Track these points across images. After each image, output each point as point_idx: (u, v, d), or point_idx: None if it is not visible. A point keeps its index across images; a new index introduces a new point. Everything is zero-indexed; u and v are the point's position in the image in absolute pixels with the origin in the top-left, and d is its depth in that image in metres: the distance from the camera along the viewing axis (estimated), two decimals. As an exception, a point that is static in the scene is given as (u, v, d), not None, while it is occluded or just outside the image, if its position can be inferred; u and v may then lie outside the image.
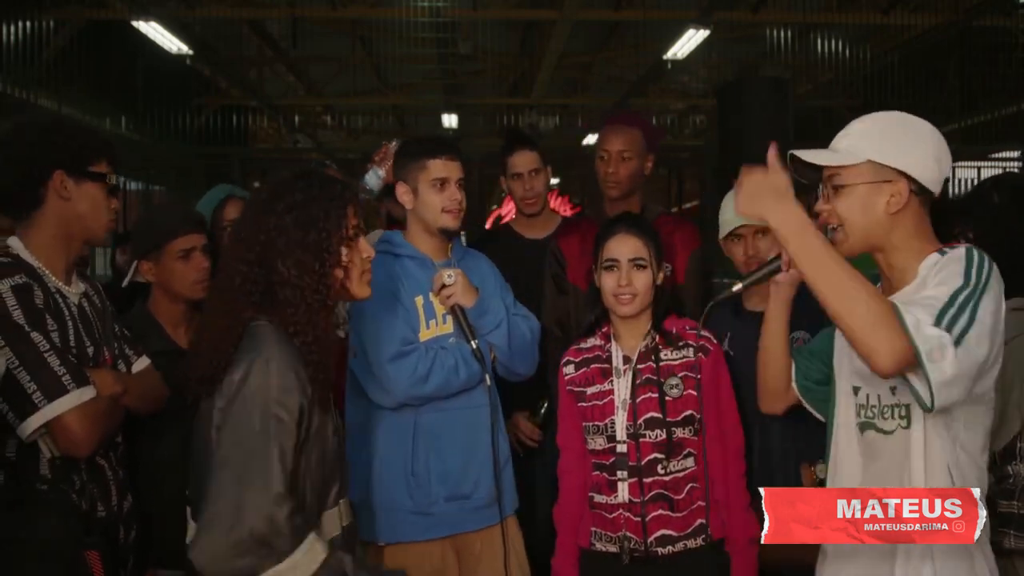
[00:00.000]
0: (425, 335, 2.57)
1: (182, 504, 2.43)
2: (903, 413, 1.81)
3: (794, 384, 2.10)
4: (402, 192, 2.61)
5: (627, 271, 2.38)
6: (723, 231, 2.67)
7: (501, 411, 2.65)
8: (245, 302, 1.80)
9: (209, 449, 1.74)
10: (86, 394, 2.01)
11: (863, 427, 1.90)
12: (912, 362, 1.62)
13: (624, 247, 2.41)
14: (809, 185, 1.95)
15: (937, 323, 1.62)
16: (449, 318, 2.57)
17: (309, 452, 1.78)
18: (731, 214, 2.65)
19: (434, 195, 2.56)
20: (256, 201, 1.90)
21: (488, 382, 2.55)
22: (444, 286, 2.52)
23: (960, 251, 1.75)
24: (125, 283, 2.72)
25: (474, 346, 2.51)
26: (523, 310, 2.77)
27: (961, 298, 1.66)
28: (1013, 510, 2.14)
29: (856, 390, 1.92)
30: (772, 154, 1.77)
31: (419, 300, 2.57)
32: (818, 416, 2.10)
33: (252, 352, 1.73)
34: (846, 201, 1.80)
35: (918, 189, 1.80)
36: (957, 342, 1.62)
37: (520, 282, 3.12)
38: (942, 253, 1.79)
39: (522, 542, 2.69)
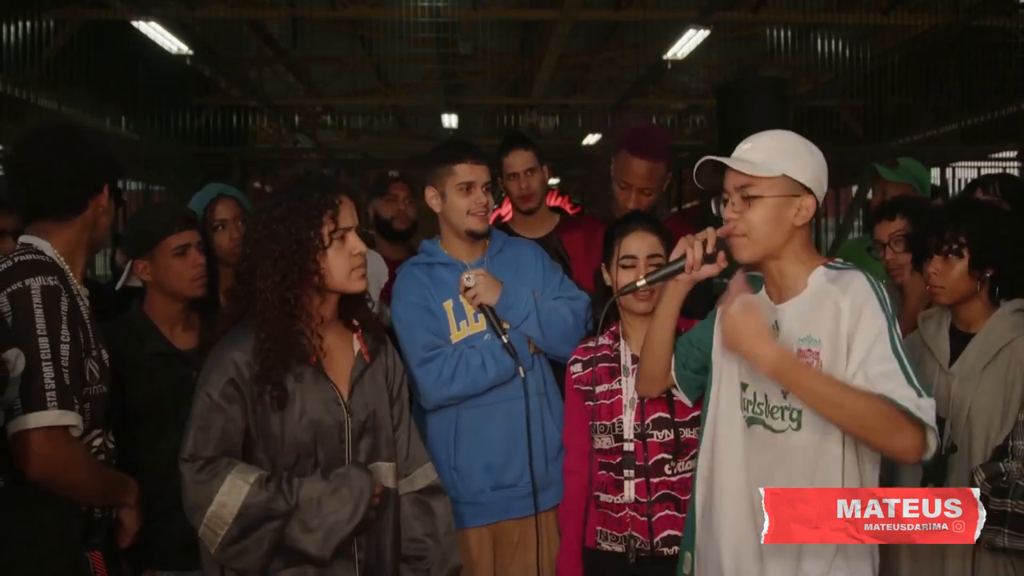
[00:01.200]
0: (457, 336, 2.65)
1: (179, 505, 2.44)
2: (794, 416, 1.90)
3: (672, 372, 2.19)
4: (430, 196, 2.70)
5: (645, 269, 2.38)
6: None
7: (548, 399, 2.67)
8: (234, 308, 2.09)
9: None
10: (64, 419, 1.96)
11: (750, 421, 1.98)
12: (922, 437, 1.77)
13: (642, 244, 2.42)
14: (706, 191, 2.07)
15: (916, 390, 1.77)
16: (480, 316, 2.63)
17: (266, 429, 2.04)
18: None
19: (460, 199, 2.64)
20: (255, 210, 2.13)
21: (522, 374, 2.58)
22: (467, 288, 2.59)
23: (860, 280, 1.87)
24: (119, 286, 2.72)
25: (505, 340, 2.57)
26: (572, 290, 2.77)
27: (898, 342, 1.82)
28: (1006, 508, 2.15)
29: (744, 386, 2.00)
30: (737, 283, 1.91)
31: (448, 304, 2.66)
32: (685, 401, 2.22)
33: (215, 350, 2.06)
34: (758, 211, 1.91)
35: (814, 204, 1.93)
36: (924, 390, 1.79)
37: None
38: (828, 268, 1.93)
39: (555, 532, 2.68)
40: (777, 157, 1.92)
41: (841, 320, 1.84)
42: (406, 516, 2.20)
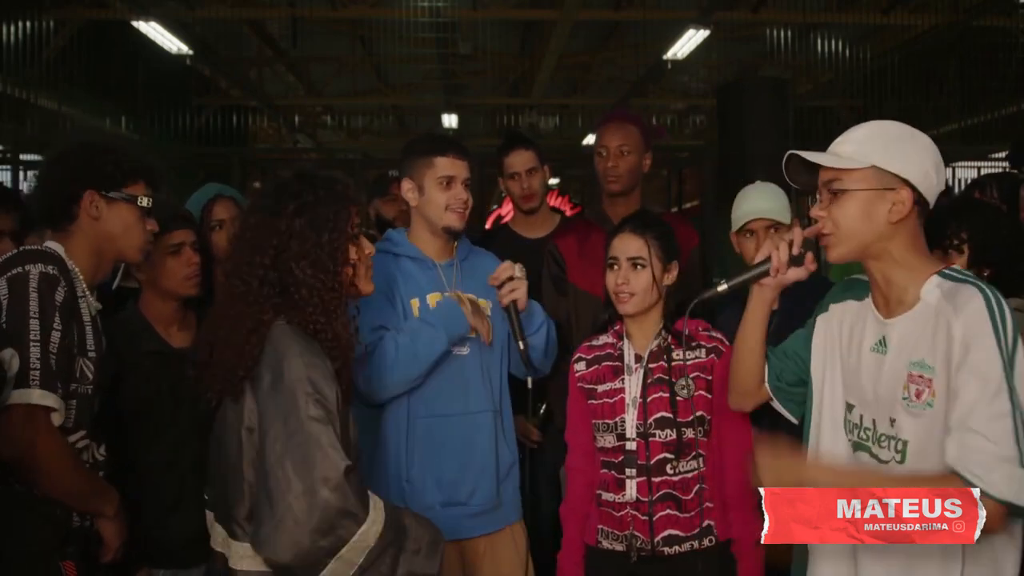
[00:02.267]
0: None
1: (176, 505, 2.43)
2: (899, 448, 1.77)
3: (766, 384, 2.07)
4: (407, 188, 2.59)
5: (625, 270, 2.39)
6: (735, 225, 2.67)
7: (502, 417, 2.64)
8: (264, 305, 1.83)
9: (239, 450, 1.79)
10: (45, 399, 1.97)
11: (856, 447, 1.86)
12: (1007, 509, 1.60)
13: (625, 246, 2.42)
14: (801, 190, 1.92)
15: (1021, 454, 1.59)
16: None
17: (343, 436, 1.81)
18: (744, 209, 2.66)
19: (439, 193, 2.54)
20: (261, 204, 1.92)
21: (529, 384, 2.52)
22: (511, 278, 2.46)
23: (976, 302, 1.67)
24: (114, 286, 2.72)
25: (522, 347, 2.49)
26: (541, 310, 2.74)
27: (1016, 390, 1.60)
28: None
29: (850, 407, 1.88)
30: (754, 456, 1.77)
31: (415, 303, 2.55)
32: (789, 416, 2.08)
33: (281, 349, 1.78)
34: (846, 206, 1.76)
35: (918, 199, 1.76)
36: None
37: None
38: (943, 276, 1.75)
39: (527, 546, 2.68)
40: (868, 148, 1.75)
41: (953, 348, 1.65)
42: None
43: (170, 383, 2.48)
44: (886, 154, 1.75)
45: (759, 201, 2.64)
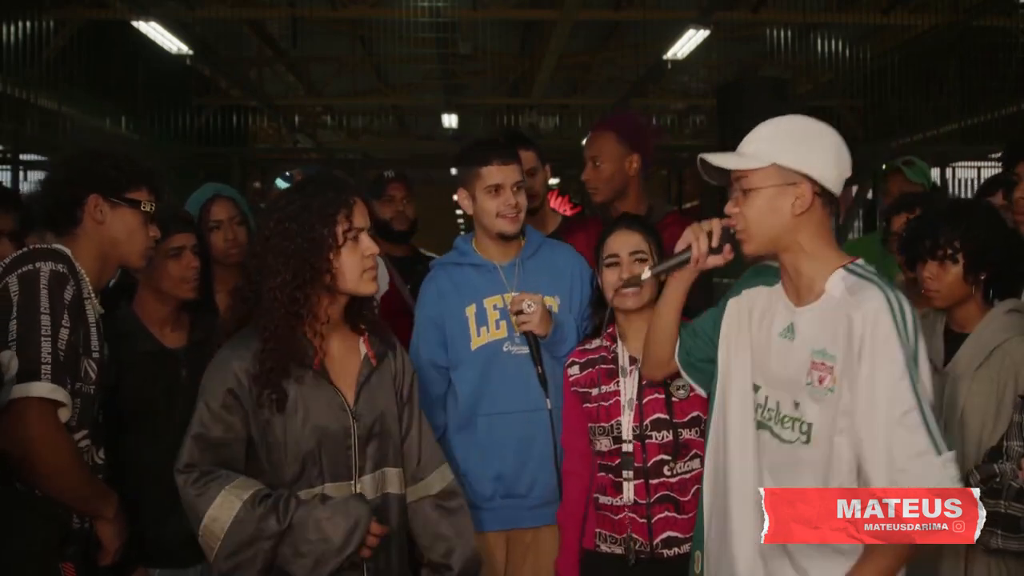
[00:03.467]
0: (477, 343, 2.62)
1: (173, 505, 2.42)
2: (804, 429, 1.85)
3: (676, 358, 2.17)
4: (463, 198, 2.68)
5: (628, 265, 2.39)
6: None
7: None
8: (244, 309, 2.01)
9: None
10: (56, 393, 2.00)
11: (759, 425, 1.94)
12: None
13: (624, 242, 2.42)
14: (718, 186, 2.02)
15: (935, 446, 1.71)
16: (503, 323, 2.62)
17: (268, 435, 1.98)
18: None
19: (489, 201, 2.61)
20: (265, 211, 2.06)
21: (548, 406, 2.59)
22: (521, 312, 2.54)
23: (877, 300, 1.77)
24: (110, 284, 2.71)
25: (539, 371, 2.57)
26: (583, 311, 2.74)
27: (915, 383, 1.72)
28: (1000, 509, 2.14)
29: (756, 388, 1.96)
30: None
31: (471, 309, 2.63)
32: (699, 390, 2.19)
33: (216, 358, 2.01)
34: (753, 203, 1.86)
35: (820, 191, 1.85)
36: (943, 443, 1.72)
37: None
38: (848, 271, 1.84)
39: None
40: (767, 146, 1.86)
41: (853, 339, 1.77)
42: (428, 520, 2.16)
43: (165, 383, 2.48)
44: (785, 151, 1.84)
45: None
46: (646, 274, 2.08)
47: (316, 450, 2.00)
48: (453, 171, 2.78)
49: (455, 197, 2.75)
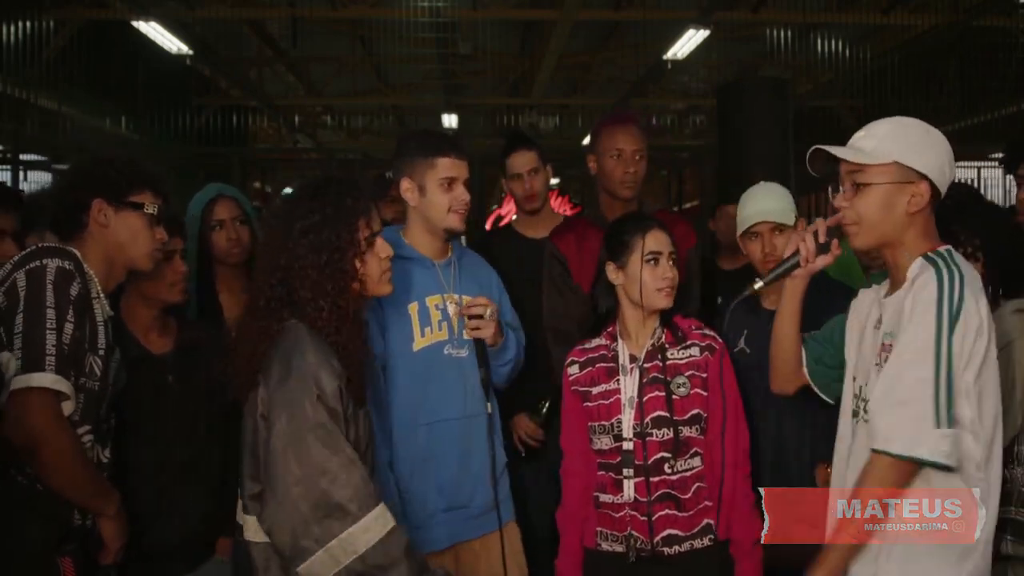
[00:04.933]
0: (420, 343, 2.53)
1: (159, 511, 2.41)
2: (865, 408, 1.91)
3: (804, 368, 2.20)
4: (406, 188, 2.56)
5: (668, 265, 2.41)
6: (740, 228, 2.68)
7: (499, 424, 2.65)
8: (272, 319, 1.96)
9: (258, 436, 1.89)
10: (59, 384, 2.02)
11: (854, 413, 2.00)
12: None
13: (663, 241, 2.44)
14: (818, 178, 2.05)
15: (936, 417, 1.73)
16: (444, 324, 2.55)
17: (348, 434, 1.89)
18: (748, 212, 2.66)
19: (442, 194, 2.53)
20: (276, 220, 2.03)
21: (489, 410, 2.55)
22: (479, 316, 2.48)
23: (928, 277, 1.82)
24: None
25: (482, 375, 2.51)
26: (515, 320, 2.74)
27: (943, 353, 1.75)
28: (1009, 515, 2.12)
29: (854, 379, 2.02)
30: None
31: (414, 307, 2.54)
32: (825, 398, 2.20)
33: (291, 345, 1.89)
34: (869, 199, 1.89)
35: (934, 192, 1.90)
36: (961, 423, 1.74)
37: (522, 282, 3.11)
38: (926, 259, 1.88)
39: (520, 544, 2.69)
40: (889, 144, 1.89)
41: (903, 319, 1.83)
42: None
43: (152, 389, 2.45)
44: (907, 150, 1.88)
45: (764, 203, 2.64)
46: (759, 284, 2.13)
47: (369, 447, 2.03)
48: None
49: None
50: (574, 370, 2.49)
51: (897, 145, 1.89)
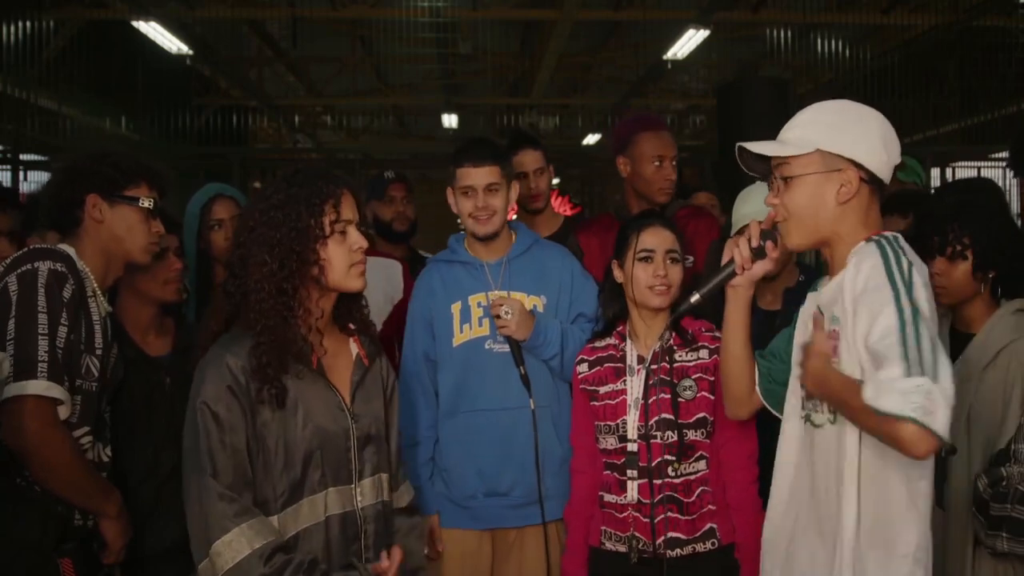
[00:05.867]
0: (459, 339, 2.65)
1: (152, 514, 2.40)
2: (831, 408, 1.79)
3: (757, 388, 2.06)
4: (450, 197, 2.71)
5: (663, 263, 2.38)
6: (734, 228, 2.67)
7: (550, 418, 2.65)
8: (227, 305, 1.92)
9: None
10: (52, 391, 2.01)
11: (805, 419, 1.89)
12: (926, 431, 1.53)
13: (661, 239, 2.41)
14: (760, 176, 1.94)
15: (907, 371, 1.54)
16: (485, 320, 2.64)
17: (264, 439, 1.85)
18: (741, 212, 2.65)
19: (464, 202, 2.65)
20: (248, 204, 2.02)
21: (532, 406, 2.59)
22: (499, 317, 2.55)
23: (871, 251, 1.70)
24: None
25: (522, 372, 2.58)
26: (592, 306, 2.70)
27: (906, 315, 1.59)
28: (1006, 513, 2.12)
29: (803, 386, 1.90)
30: (816, 322, 1.79)
31: (456, 306, 2.67)
32: (780, 417, 2.04)
33: (207, 356, 1.87)
34: (795, 192, 1.78)
35: (868, 178, 1.77)
36: (933, 376, 1.54)
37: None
38: (869, 241, 1.75)
39: (559, 547, 2.65)
40: (810, 131, 1.78)
41: (845, 292, 1.70)
42: (400, 531, 2.08)
43: (146, 392, 2.44)
44: (829, 136, 1.76)
45: (756, 203, 2.63)
46: (695, 297, 2.01)
47: (318, 453, 1.89)
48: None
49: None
50: (583, 368, 2.49)
51: (818, 132, 1.76)
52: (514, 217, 3.84)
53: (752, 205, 2.64)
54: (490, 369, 2.64)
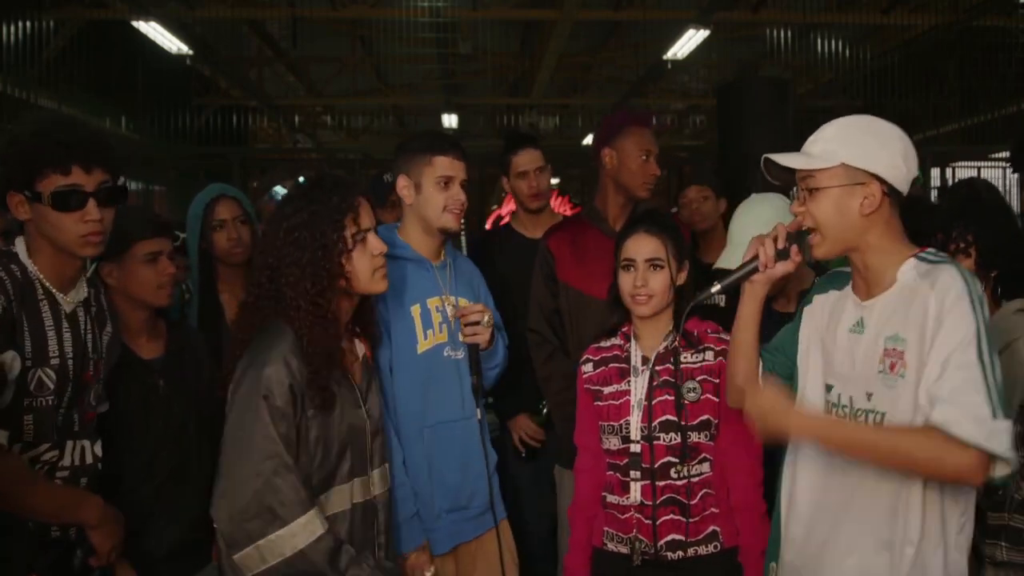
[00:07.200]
0: (424, 346, 2.52)
1: (150, 516, 2.38)
2: (877, 420, 1.82)
3: (760, 380, 2.09)
4: (403, 185, 2.56)
5: (643, 271, 2.36)
6: (734, 238, 2.69)
7: (487, 426, 2.69)
8: (261, 314, 2.05)
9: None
10: None
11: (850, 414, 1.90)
12: (986, 459, 1.65)
13: (641, 247, 2.38)
14: (781, 186, 2.01)
15: (992, 408, 1.65)
16: (445, 327, 2.55)
17: (306, 434, 1.98)
18: (744, 223, 2.65)
19: (438, 193, 2.52)
20: (271, 220, 2.09)
21: (479, 416, 2.58)
22: (476, 323, 2.50)
23: (951, 275, 1.76)
24: (88, 273, 2.65)
25: (474, 380, 2.54)
26: (499, 321, 2.73)
27: (985, 350, 1.69)
28: (1004, 522, 2.12)
29: (829, 388, 1.94)
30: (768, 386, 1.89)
31: (416, 309, 2.53)
32: None
33: (261, 344, 1.99)
34: (821, 203, 1.85)
35: (889, 190, 1.84)
36: (1005, 411, 1.66)
37: (522, 282, 3.11)
38: (920, 259, 1.83)
39: (512, 539, 2.70)
40: (836, 146, 1.85)
41: (928, 322, 1.74)
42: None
43: (140, 395, 2.40)
44: (853, 151, 1.83)
45: (759, 217, 2.61)
46: (715, 288, 2.03)
47: (348, 445, 2.07)
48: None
49: None
50: (588, 368, 2.48)
51: (843, 147, 1.85)
52: (513, 215, 3.84)
53: (754, 218, 2.64)
54: (447, 378, 2.53)
